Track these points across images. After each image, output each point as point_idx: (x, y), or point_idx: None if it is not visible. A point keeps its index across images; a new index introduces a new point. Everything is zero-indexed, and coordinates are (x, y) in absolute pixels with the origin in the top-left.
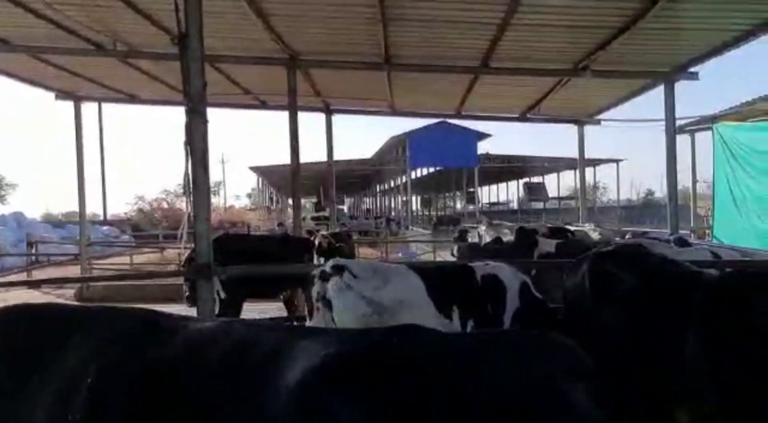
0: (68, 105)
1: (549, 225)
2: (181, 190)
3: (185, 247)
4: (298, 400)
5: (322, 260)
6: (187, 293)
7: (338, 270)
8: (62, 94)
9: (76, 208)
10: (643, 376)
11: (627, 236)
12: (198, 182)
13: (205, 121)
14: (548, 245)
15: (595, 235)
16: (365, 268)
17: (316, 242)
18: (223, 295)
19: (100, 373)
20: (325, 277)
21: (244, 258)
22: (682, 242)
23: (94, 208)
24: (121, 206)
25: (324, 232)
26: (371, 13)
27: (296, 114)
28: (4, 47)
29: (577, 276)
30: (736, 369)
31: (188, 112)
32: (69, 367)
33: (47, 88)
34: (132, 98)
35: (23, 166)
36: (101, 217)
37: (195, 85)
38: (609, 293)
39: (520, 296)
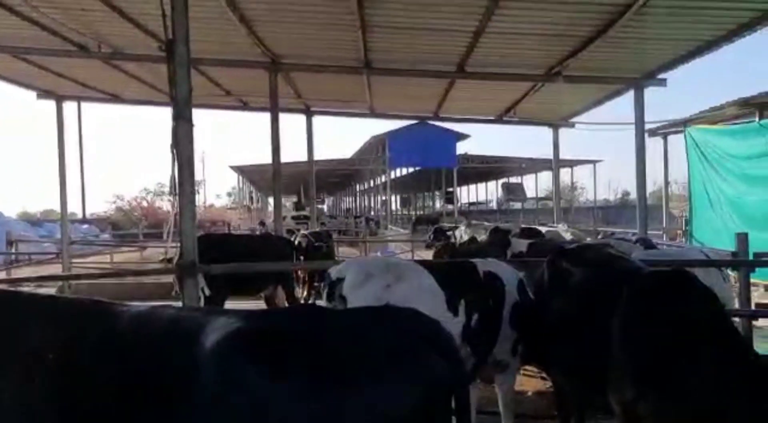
0: (47, 104)
1: (522, 226)
2: (161, 190)
3: (171, 246)
4: (212, 362)
5: (302, 258)
6: (176, 290)
7: (352, 268)
8: (44, 94)
9: (53, 206)
10: (584, 358)
11: (599, 236)
12: (184, 183)
13: (191, 125)
14: (520, 245)
15: (567, 235)
16: (379, 265)
17: (297, 241)
18: (207, 292)
19: (45, 350)
20: (340, 275)
21: (227, 256)
22: (646, 243)
23: (72, 206)
24: (99, 205)
25: (304, 232)
26: (351, 19)
27: (278, 116)
28: None
29: (541, 271)
30: (646, 359)
31: (175, 117)
32: (19, 348)
33: (29, 87)
34: (114, 98)
35: None
36: (80, 216)
37: (181, 90)
38: (562, 286)
39: (518, 291)
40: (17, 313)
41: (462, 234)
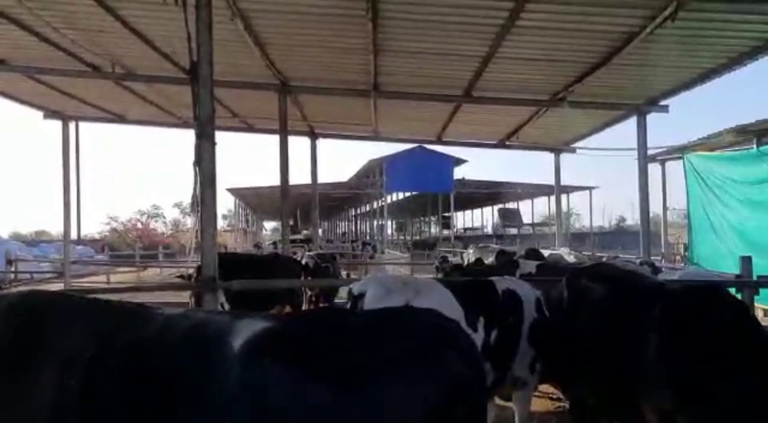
0: (36, 124)
1: (527, 249)
2: (156, 211)
3: (192, 261)
4: (240, 361)
5: (309, 278)
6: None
7: (372, 284)
8: (51, 114)
9: (44, 227)
10: (613, 372)
11: (604, 259)
12: (206, 200)
13: (213, 144)
14: (529, 266)
15: (570, 258)
16: (396, 282)
17: (303, 262)
18: (227, 307)
19: (92, 351)
20: (361, 291)
21: (240, 274)
22: (651, 266)
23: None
24: (93, 226)
25: (310, 253)
26: (364, 44)
27: (287, 138)
28: (1, 67)
29: (558, 289)
30: (686, 372)
31: (198, 135)
32: (67, 348)
33: (37, 107)
34: (120, 118)
35: None
36: (74, 237)
37: (204, 110)
38: (582, 302)
39: (536, 309)
40: (68, 314)
41: (469, 256)
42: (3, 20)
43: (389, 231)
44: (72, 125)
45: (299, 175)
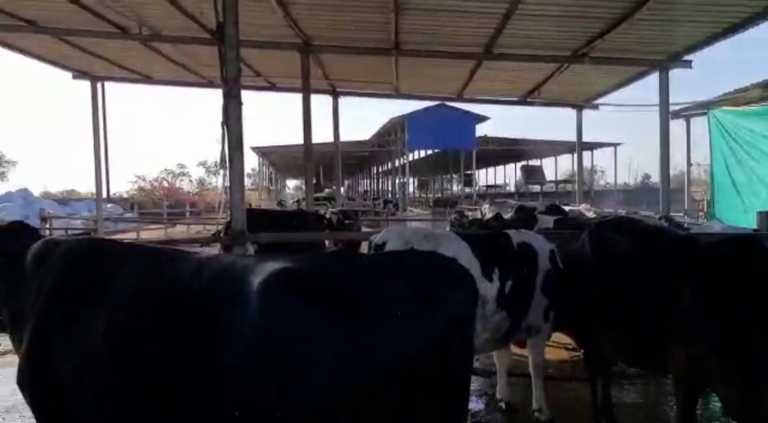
0: (63, 85)
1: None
2: (182, 170)
3: (222, 218)
4: (260, 293)
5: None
6: None
7: (393, 236)
8: (79, 74)
9: (73, 186)
10: (642, 321)
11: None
12: (234, 158)
13: (239, 103)
14: (547, 222)
15: (590, 215)
16: (415, 234)
17: (327, 217)
18: None
19: (139, 289)
20: (381, 244)
21: (267, 229)
22: (670, 221)
23: (93, 187)
24: (120, 185)
25: (333, 209)
26: (385, 2)
27: (309, 96)
28: (31, 28)
29: (579, 242)
30: (725, 319)
31: (225, 95)
32: (118, 287)
33: (66, 68)
34: (146, 78)
35: (20, 144)
36: (104, 195)
37: (231, 70)
38: (610, 254)
39: (550, 261)
40: (118, 257)
41: (486, 211)
42: None
43: (411, 189)
44: (98, 85)
45: (321, 134)
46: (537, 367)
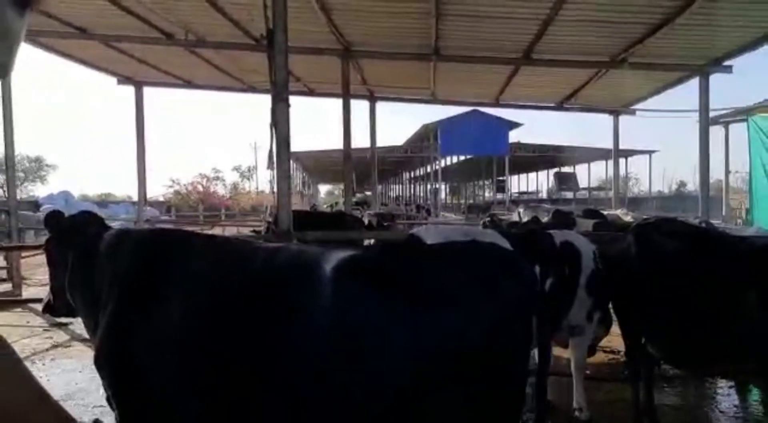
0: (99, 90)
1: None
2: (217, 175)
3: (269, 218)
4: (331, 280)
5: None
6: None
7: (432, 232)
8: (124, 80)
9: (110, 190)
10: (697, 320)
11: None
12: (281, 159)
13: (287, 106)
14: (585, 225)
15: (628, 219)
16: (455, 231)
17: (366, 220)
18: None
19: (210, 279)
20: (422, 238)
21: (311, 229)
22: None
23: (129, 190)
24: (156, 188)
25: (370, 212)
26: (426, 8)
27: (349, 102)
28: (82, 35)
29: (623, 245)
30: None
31: (274, 98)
32: (189, 277)
33: (112, 73)
34: (188, 83)
35: (58, 148)
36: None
37: (280, 75)
38: (656, 255)
39: (594, 261)
40: (188, 247)
41: (522, 215)
42: None
43: (443, 195)
44: (129, 90)
45: (354, 139)
46: (579, 368)
